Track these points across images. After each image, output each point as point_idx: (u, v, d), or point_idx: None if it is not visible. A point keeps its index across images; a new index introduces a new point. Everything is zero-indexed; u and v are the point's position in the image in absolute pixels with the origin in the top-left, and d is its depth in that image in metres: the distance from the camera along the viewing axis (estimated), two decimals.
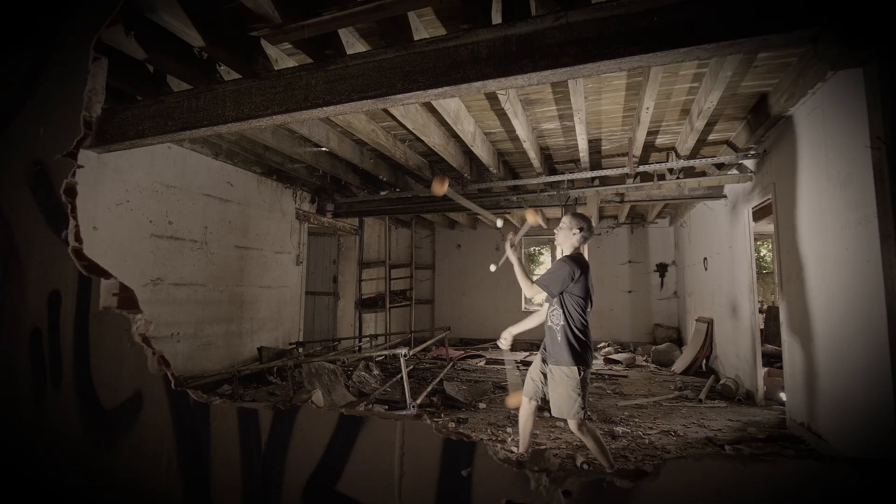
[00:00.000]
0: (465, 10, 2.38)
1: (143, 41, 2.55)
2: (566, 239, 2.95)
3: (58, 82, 1.81)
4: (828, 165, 3.17)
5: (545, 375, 2.91)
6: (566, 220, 2.99)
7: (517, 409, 3.19)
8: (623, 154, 5.27)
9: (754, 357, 4.85)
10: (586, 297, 2.82)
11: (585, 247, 3.02)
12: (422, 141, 4.48)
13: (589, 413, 2.90)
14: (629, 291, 9.41)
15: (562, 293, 2.80)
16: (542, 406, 2.96)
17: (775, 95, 3.57)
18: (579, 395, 2.74)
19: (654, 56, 1.78)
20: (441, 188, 3.25)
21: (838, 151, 3.03)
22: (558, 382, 2.80)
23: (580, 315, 2.80)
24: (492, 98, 3.90)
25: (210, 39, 2.59)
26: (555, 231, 3.05)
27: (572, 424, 2.80)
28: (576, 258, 2.87)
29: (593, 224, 3.03)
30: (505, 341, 3.12)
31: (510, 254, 3.04)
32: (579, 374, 2.74)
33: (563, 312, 2.80)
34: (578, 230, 2.93)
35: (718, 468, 1.00)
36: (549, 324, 2.89)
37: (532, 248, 12.82)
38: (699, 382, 5.77)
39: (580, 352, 2.76)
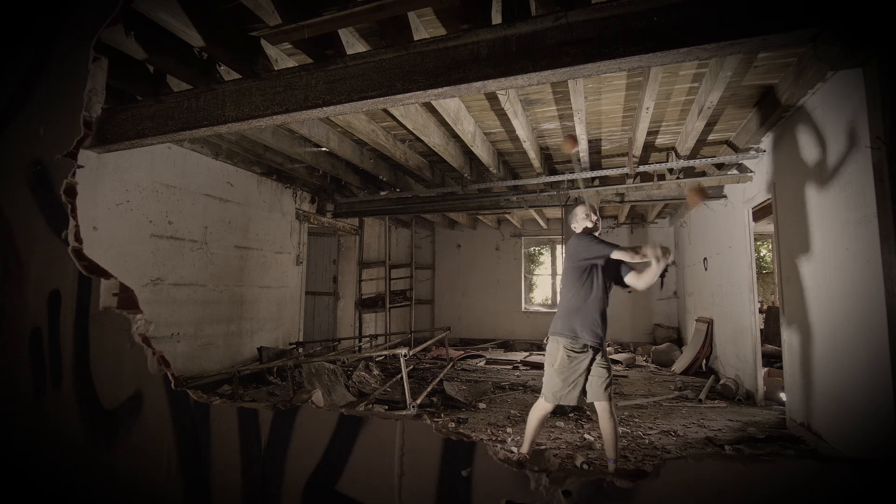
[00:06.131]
0: (465, 10, 2.38)
1: (143, 41, 2.55)
2: (583, 228, 3.06)
3: (58, 82, 1.81)
4: (828, 165, 3.17)
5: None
6: (571, 220, 3.10)
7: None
8: (623, 154, 5.26)
9: (754, 357, 4.85)
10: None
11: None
12: (422, 141, 4.48)
13: (586, 409, 2.88)
14: (629, 291, 9.40)
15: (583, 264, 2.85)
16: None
17: (775, 95, 3.57)
18: (558, 376, 2.76)
19: (654, 56, 1.79)
20: (572, 146, 3.54)
21: (838, 151, 3.03)
22: (546, 353, 2.90)
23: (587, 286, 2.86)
24: (492, 98, 3.90)
25: (210, 39, 2.59)
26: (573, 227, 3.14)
27: (539, 400, 2.85)
28: (583, 231, 3.01)
29: (587, 206, 3.09)
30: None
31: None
32: (561, 351, 2.77)
33: (576, 278, 2.86)
34: (582, 219, 3.04)
35: (718, 468, 1.00)
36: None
37: (532, 248, 12.80)
38: (699, 382, 5.77)
39: (572, 320, 2.80)
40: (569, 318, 2.80)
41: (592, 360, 2.79)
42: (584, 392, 2.81)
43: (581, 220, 3.07)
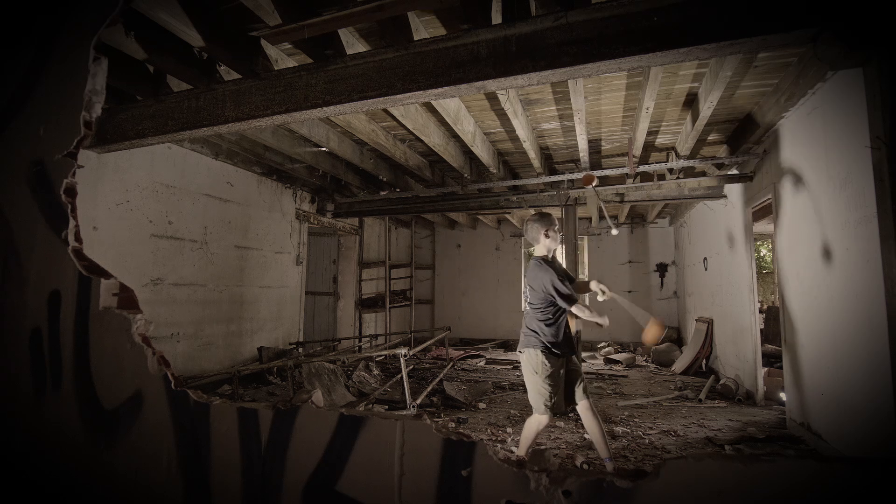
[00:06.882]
0: (465, 10, 2.38)
1: (143, 41, 2.55)
2: (546, 248, 3.01)
3: (58, 82, 1.81)
4: (828, 165, 3.17)
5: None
6: (531, 231, 3.02)
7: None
8: (623, 154, 5.26)
9: (754, 357, 4.85)
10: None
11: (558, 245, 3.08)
12: (422, 141, 4.48)
13: (568, 412, 2.93)
14: (629, 291, 9.41)
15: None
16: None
17: (775, 95, 3.57)
18: (545, 382, 2.78)
19: (654, 56, 1.78)
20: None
21: (838, 151, 3.03)
22: (525, 368, 2.90)
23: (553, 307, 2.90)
24: (492, 98, 3.90)
25: (210, 39, 2.59)
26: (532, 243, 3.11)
27: (533, 416, 2.85)
28: (543, 258, 2.96)
29: (550, 218, 3.04)
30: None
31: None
32: (540, 356, 2.79)
33: (545, 305, 2.89)
34: (545, 236, 2.97)
35: (718, 468, 1.00)
36: (529, 311, 2.97)
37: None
38: (699, 382, 5.77)
39: (547, 337, 2.83)
40: (541, 336, 2.86)
41: (566, 362, 2.90)
42: (570, 399, 2.88)
43: (543, 240, 2.98)
